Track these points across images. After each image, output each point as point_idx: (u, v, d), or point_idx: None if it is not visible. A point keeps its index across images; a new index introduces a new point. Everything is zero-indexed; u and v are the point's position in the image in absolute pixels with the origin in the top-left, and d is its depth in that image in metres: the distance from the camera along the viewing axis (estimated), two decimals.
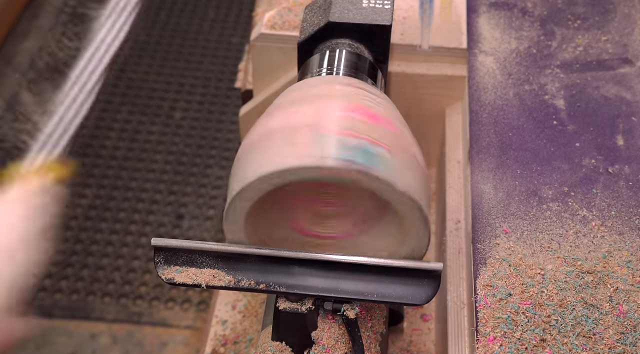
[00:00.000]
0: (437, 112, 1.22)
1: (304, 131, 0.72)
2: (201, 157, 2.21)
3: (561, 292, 0.86)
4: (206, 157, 2.22)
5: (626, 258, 0.90)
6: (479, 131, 1.06)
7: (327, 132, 0.71)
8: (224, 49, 2.87)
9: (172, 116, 2.60)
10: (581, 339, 0.81)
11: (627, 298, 0.85)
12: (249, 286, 0.78)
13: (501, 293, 0.86)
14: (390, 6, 0.98)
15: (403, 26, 1.21)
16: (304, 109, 0.75)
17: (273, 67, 1.23)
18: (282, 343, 0.83)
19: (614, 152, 1.03)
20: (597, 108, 1.10)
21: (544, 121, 1.08)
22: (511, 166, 1.01)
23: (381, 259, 0.77)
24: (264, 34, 1.20)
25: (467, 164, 1.05)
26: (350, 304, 0.79)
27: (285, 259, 0.78)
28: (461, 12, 1.24)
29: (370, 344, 0.84)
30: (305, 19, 1.02)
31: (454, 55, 1.18)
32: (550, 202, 0.97)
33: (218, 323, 1.18)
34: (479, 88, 1.13)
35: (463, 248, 0.99)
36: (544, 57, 1.18)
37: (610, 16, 1.25)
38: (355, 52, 0.95)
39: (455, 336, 0.91)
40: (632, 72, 1.15)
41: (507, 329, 0.82)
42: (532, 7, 1.26)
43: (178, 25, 2.95)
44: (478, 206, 0.96)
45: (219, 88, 2.72)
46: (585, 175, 1.00)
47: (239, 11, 3.03)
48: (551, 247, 0.91)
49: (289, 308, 0.80)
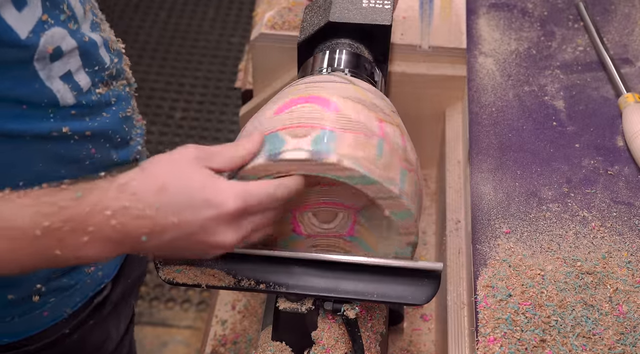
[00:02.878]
0: (437, 112, 1.22)
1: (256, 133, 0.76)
2: None
3: (561, 292, 0.86)
4: None
5: (626, 259, 0.90)
6: (478, 132, 1.06)
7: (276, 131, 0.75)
8: (224, 49, 2.87)
9: (172, 116, 2.60)
10: (581, 340, 0.81)
11: (627, 299, 0.86)
12: (249, 286, 0.78)
13: (501, 294, 0.86)
14: (390, 6, 0.98)
15: (403, 26, 1.21)
16: (269, 111, 0.79)
17: (273, 67, 1.23)
18: (282, 343, 0.83)
19: (614, 153, 1.03)
20: (596, 109, 1.10)
21: (543, 122, 1.08)
22: (511, 167, 1.01)
23: (381, 259, 0.77)
24: (264, 34, 1.20)
25: (467, 164, 1.05)
26: (350, 304, 0.79)
27: (285, 259, 0.78)
28: (461, 12, 1.24)
29: (370, 344, 0.84)
30: (305, 19, 1.02)
31: (453, 55, 1.18)
32: (550, 203, 0.97)
33: (218, 323, 1.18)
34: (478, 89, 1.13)
35: (463, 248, 0.99)
36: (543, 58, 1.18)
37: (610, 16, 1.25)
38: (355, 52, 0.95)
39: (455, 336, 0.91)
40: (632, 72, 1.15)
41: (507, 329, 0.82)
42: (532, 8, 1.27)
43: (178, 25, 2.95)
44: (478, 207, 0.96)
45: (219, 88, 2.72)
46: (585, 176, 1.00)
47: (239, 11, 3.03)
48: (551, 248, 0.91)
49: (289, 308, 0.80)
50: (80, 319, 0.94)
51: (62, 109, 0.80)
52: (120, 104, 0.89)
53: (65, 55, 0.78)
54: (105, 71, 0.86)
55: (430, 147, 1.26)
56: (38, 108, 0.77)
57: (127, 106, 0.91)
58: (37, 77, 0.76)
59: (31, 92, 0.76)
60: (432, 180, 1.29)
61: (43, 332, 0.91)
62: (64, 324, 0.92)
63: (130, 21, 2.91)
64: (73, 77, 0.80)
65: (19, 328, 0.89)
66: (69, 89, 0.80)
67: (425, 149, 1.21)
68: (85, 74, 0.82)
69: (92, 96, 0.84)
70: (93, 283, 0.94)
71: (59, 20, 0.76)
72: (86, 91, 0.82)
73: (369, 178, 0.72)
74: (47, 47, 0.75)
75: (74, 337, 0.94)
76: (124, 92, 0.91)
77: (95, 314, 0.97)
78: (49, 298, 0.89)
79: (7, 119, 0.75)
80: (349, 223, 0.82)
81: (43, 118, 0.78)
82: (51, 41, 0.75)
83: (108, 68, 0.86)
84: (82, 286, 0.92)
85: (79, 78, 0.81)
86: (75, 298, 0.92)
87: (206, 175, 0.68)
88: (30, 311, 0.88)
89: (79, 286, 0.92)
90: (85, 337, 0.96)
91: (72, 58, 0.79)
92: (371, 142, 0.74)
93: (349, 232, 0.82)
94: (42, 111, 0.78)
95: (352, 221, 0.82)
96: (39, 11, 0.73)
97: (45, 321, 0.90)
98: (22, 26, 0.72)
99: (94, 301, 0.95)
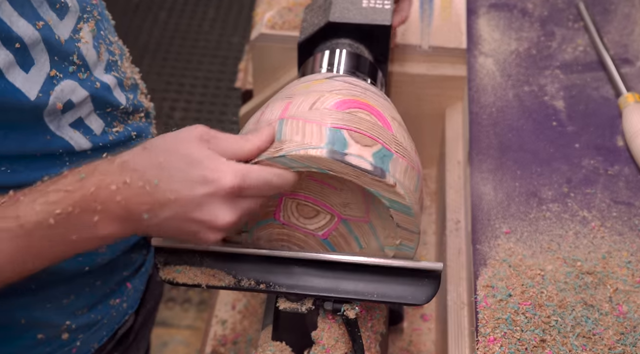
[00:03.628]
0: (437, 112, 1.22)
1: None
2: None
3: (561, 293, 0.86)
4: None
5: (626, 259, 0.90)
6: (478, 132, 1.06)
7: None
8: (224, 49, 2.87)
9: (172, 116, 2.60)
10: (581, 340, 0.81)
11: (627, 299, 0.86)
12: (249, 286, 0.78)
13: (501, 294, 0.86)
14: (390, 6, 0.98)
15: (403, 26, 1.21)
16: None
17: (273, 67, 1.23)
18: (282, 342, 0.83)
19: (614, 153, 1.03)
20: (596, 109, 1.10)
21: (543, 122, 1.08)
22: (511, 167, 1.01)
23: (381, 259, 0.77)
24: (264, 34, 1.20)
25: (467, 164, 1.05)
26: (350, 304, 0.79)
27: (286, 259, 0.78)
28: (461, 12, 1.24)
29: (370, 344, 0.84)
30: (305, 19, 1.02)
31: (453, 55, 1.18)
32: (550, 203, 0.97)
33: (218, 323, 1.19)
34: (478, 90, 1.13)
35: (463, 248, 0.99)
36: (543, 58, 1.18)
37: (610, 16, 1.25)
38: (355, 52, 0.95)
39: (455, 336, 0.91)
40: (632, 72, 1.15)
41: (507, 329, 0.82)
42: (532, 8, 1.27)
43: (178, 25, 2.95)
44: (478, 207, 0.96)
45: (219, 88, 2.72)
46: (585, 176, 1.00)
47: (239, 11, 3.03)
48: (551, 248, 0.91)
49: (289, 308, 0.80)
50: (105, 353, 0.94)
51: (79, 153, 0.79)
52: (141, 136, 0.89)
53: (75, 106, 0.77)
54: (118, 110, 0.85)
55: (430, 147, 1.26)
56: (52, 156, 0.77)
57: (147, 136, 0.91)
58: (47, 130, 0.75)
59: (43, 145, 0.75)
60: (432, 180, 1.29)
61: None
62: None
63: (130, 21, 2.91)
64: (84, 122, 0.80)
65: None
66: (81, 134, 0.79)
67: (425, 149, 1.21)
68: (97, 116, 0.82)
69: (108, 136, 0.83)
70: (118, 315, 0.94)
71: (68, 73, 0.75)
72: (100, 132, 0.82)
73: (409, 211, 0.75)
74: (56, 103, 0.74)
75: None
76: (143, 124, 0.90)
77: (119, 346, 0.97)
78: (78, 335, 0.89)
79: (20, 171, 0.74)
80: (327, 226, 0.82)
81: (57, 162, 0.78)
82: (61, 96, 0.74)
83: (123, 107, 0.85)
84: (109, 320, 0.92)
85: (90, 122, 0.81)
86: (102, 332, 0.92)
87: (206, 153, 0.68)
88: (60, 349, 0.88)
89: (106, 320, 0.92)
90: None
91: (84, 106, 0.79)
92: (413, 174, 0.76)
93: (324, 235, 0.82)
94: (58, 157, 0.78)
95: (332, 226, 0.82)
96: (46, 68, 0.72)
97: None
98: (31, 87, 0.71)
99: (118, 333, 0.95)
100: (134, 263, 0.95)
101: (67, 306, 0.86)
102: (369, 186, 0.72)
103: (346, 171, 0.72)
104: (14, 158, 0.73)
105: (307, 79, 0.82)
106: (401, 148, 0.75)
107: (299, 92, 0.78)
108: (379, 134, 0.74)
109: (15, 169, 0.74)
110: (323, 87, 0.78)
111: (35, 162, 0.76)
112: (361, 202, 0.80)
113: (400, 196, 0.73)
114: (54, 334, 0.86)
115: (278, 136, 0.72)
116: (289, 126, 0.73)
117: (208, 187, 0.66)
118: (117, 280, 0.92)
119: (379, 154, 0.72)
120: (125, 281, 0.94)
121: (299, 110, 0.74)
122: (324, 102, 0.75)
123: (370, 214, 0.80)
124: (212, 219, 0.67)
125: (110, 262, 0.89)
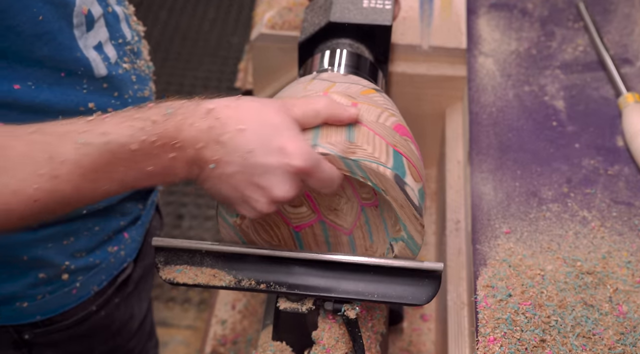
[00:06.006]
0: (437, 112, 1.22)
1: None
2: None
3: (561, 293, 0.86)
4: None
5: (626, 259, 0.90)
6: (478, 132, 1.06)
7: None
8: (224, 49, 2.87)
9: None
10: (581, 340, 0.82)
11: (627, 299, 0.86)
12: (249, 286, 0.78)
13: (501, 294, 0.86)
14: (390, 6, 0.98)
15: (403, 26, 1.21)
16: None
17: (273, 67, 1.23)
18: (282, 343, 0.83)
19: (614, 153, 1.03)
20: (596, 109, 1.10)
21: (543, 122, 1.08)
22: (511, 167, 1.02)
23: (381, 259, 0.77)
24: (264, 34, 1.20)
25: (467, 164, 1.05)
26: (351, 304, 0.79)
27: (286, 259, 0.78)
28: (461, 12, 1.24)
29: (370, 345, 0.84)
30: (306, 19, 1.02)
31: (453, 55, 1.18)
32: (550, 203, 0.97)
33: (218, 322, 1.19)
34: (478, 90, 1.13)
35: (463, 248, 0.99)
36: (543, 58, 1.18)
37: (610, 16, 1.25)
38: (355, 52, 0.95)
39: (455, 336, 0.91)
40: (632, 72, 1.15)
41: (507, 329, 0.82)
42: (532, 8, 1.27)
43: (178, 25, 2.95)
44: (478, 207, 0.97)
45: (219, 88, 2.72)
46: (585, 176, 1.00)
47: (239, 11, 3.03)
48: (551, 248, 0.91)
49: (289, 308, 0.80)
50: (106, 297, 0.98)
51: (96, 81, 0.83)
52: (141, 83, 0.93)
53: (95, 24, 0.81)
54: (127, 45, 0.89)
55: (430, 147, 1.26)
56: (75, 76, 0.80)
57: (145, 86, 0.94)
58: (77, 45, 0.79)
59: (71, 59, 0.79)
60: (432, 180, 1.29)
61: (72, 309, 0.94)
62: (91, 302, 0.96)
63: None
64: (103, 48, 0.83)
65: (50, 306, 0.92)
66: (101, 59, 0.83)
67: (425, 149, 1.21)
68: (112, 46, 0.85)
69: (119, 69, 0.87)
70: (116, 262, 0.97)
71: None
72: (114, 62, 0.86)
73: (417, 249, 0.79)
74: (82, 7, 0.78)
75: (101, 314, 0.98)
76: (143, 74, 0.94)
77: (120, 292, 1.00)
78: (77, 276, 0.92)
79: (44, 88, 0.78)
80: (304, 221, 0.82)
81: (77, 87, 0.81)
82: (84, 1, 0.78)
83: (129, 43, 0.89)
84: (107, 265, 0.95)
85: (108, 50, 0.84)
86: (101, 276, 0.95)
87: (290, 126, 0.69)
88: (60, 289, 0.91)
89: (104, 265, 0.95)
90: (111, 314, 1.00)
91: (101, 28, 0.83)
92: (418, 186, 0.79)
93: (296, 228, 0.83)
94: (78, 80, 0.81)
95: (308, 223, 0.82)
96: None
97: (74, 298, 0.93)
98: None
99: (117, 280, 0.98)
100: (130, 213, 0.98)
101: (67, 246, 0.89)
102: (405, 217, 0.75)
103: (398, 197, 0.74)
104: (46, 70, 0.77)
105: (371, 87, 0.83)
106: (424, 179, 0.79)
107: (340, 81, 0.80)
108: (422, 172, 0.78)
109: (40, 86, 0.77)
110: (370, 98, 0.80)
111: (58, 83, 0.79)
112: (353, 216, 0.81)
113: (420, 236, 0.78)
114: (54, 273, 0.89)
115: (348, 136, 0.73)
116: (361, 132, 0.74)
117: (282, 158, 0.68)
118: (114, 228, 0.95)
119: (421, 191, 0.76)
120: (123, 231, 0.97)
121: (364, 117, 0.75)
122: (387, 118, 0.77)
123: (355, 231, 0.81)
124: (273, 188, 0.69)
125: (107, 209, 0.92)
